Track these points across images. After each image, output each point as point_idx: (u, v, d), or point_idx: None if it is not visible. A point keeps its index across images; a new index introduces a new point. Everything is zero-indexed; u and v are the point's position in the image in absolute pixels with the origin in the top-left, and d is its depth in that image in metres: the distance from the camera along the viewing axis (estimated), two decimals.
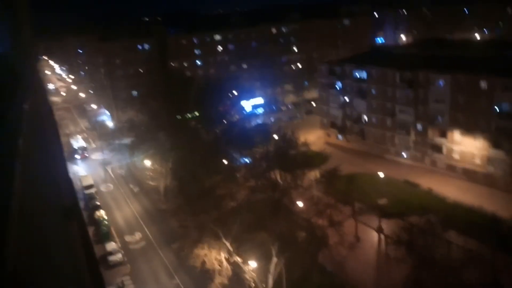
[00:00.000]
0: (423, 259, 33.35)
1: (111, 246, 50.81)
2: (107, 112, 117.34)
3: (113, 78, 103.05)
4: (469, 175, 60.78)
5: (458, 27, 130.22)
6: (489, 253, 31.91)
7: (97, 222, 56.30)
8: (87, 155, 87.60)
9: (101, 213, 58.21)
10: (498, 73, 55.80)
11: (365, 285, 40.59)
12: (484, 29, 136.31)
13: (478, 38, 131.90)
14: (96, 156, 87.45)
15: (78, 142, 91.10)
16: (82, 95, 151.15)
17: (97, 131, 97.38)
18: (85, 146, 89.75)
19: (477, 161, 59.72)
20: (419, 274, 32.60)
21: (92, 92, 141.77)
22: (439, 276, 31.26)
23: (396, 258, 37.47)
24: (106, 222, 56.36)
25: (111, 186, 72.86)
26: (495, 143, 57.28)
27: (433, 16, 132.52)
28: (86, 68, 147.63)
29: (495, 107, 56.41)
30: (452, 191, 56.54)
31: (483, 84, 57.40)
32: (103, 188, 71.59)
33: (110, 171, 78.84)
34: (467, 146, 60.62)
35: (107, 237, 53.31)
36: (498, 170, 57.38)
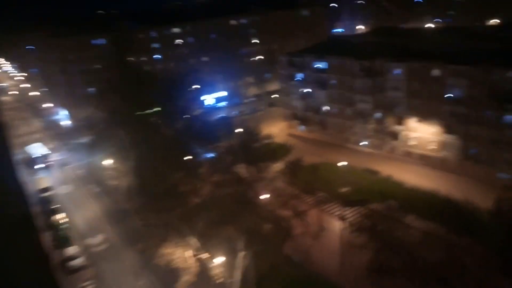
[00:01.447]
0: (384, 243, 34.39)
1: (71, 250, 49.07)
2: (63, 111, 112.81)
3: (68, 75, 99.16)
4: (425, 160, 63.16)
5: (413, 16, 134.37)
6: (444, 234, 33.30)
7: (55, 226, 54.22)
8: (51, 162, 79.07)
9: (60, 216, 56.11)
10: (449, 60, 57.93)
11: (331, 272, 41.40)
12: (436, 18, 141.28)
13: (431, 26, 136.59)
14: (53, 157, 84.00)
15: (38, 149, 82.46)
16: (35, 93, 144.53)
17: (53, 131, 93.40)
18: (47, 152, 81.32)
19: (432, 146, 62.09)
20: (381, 257, 33.62)
21: (46, 90, 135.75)
22: (399, 258, 32.35)
23: (359, 244, 38.43)
24: (65, 226, 54.39)
25: (70, 187, 70.27)
26: (448, 128, 59.70)
27: (389, 5, 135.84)
28: (39, 65, 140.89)
29: (447, 93, 58.66)
30: (410, 176, 58.60)
31: (436, 72, 59.48)
32: (61, 190, 68.89)
33: (68, 172, 75.98)
34: (422, 133, 62.85)
35: (66, 241, 51.44)
36: (451, 154, 59.95)
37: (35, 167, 75.99)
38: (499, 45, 61.63)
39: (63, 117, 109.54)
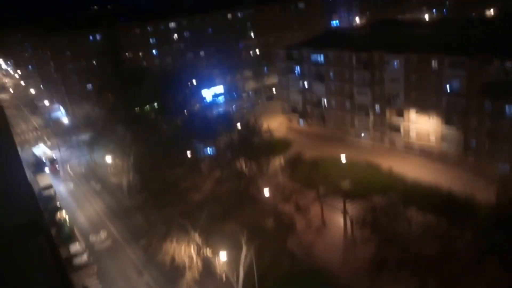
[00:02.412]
0: (386, 237, 34.67)
1: (74, 247, 49.31)
2: (61, 108, 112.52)
3: (64, 72, 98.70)
4: (425, 152, 63.42)
5: (409, 8, 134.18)
6: (445, 227, 33.58)
7: (58, 224, 54.38)
8: (58, 167, 75.95)
9: (62, 214, 56.24)
10: (447, 51, 57.96)
11: (334, 266, 41.76)
12: (433, 9, 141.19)
13: (427, 18, 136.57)
14: (53, 154, 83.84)
15: (44, 151, 79.59)
16: (32, 91, 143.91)
17: (52, 128, 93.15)
18: (54, 157, 77.45)
19: (432, 138, 62.33)
20: (383, 251, 33.93)
21: (43, 87, 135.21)
22: (402, 251, 32.68)
23: (361, 238, 38.75)
24: (68, 223, 54.56)
25: (71, 185, 70.35)
26: (447, 120, 59.91)
27: None
28: (35, 62, 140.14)
29: (446, 84, 58.78)
30: (411, 169, 58.81)
31: (434, 63, 59.52)
32: (62, 187, 68.98)
33: (69, 169, 75.98)
34: (422, 125, 63.05)
35: (70, 238, 51.66)
36: (451, 146, 60.21)
37: (45, 170, 73.70)
38: (496, 35, 61.71)
39: (62, 114, 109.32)
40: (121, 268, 47.00)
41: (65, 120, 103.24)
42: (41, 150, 79.86)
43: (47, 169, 73.65)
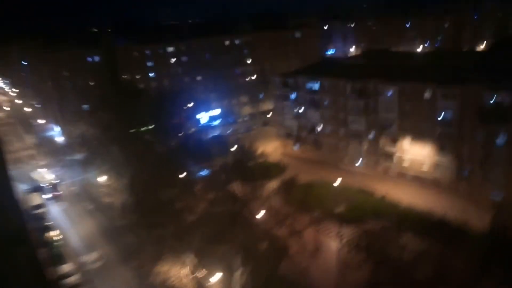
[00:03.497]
0: (380, 262, 34.65)
1: (65, 268, 48.40)
2: (56, 127, 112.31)
3: (60, 91, 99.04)
4: (419, 180, 64.02)
5: (403, 40, 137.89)
6: (439, 251, 33.73)
7: (49, 244, 53.54)
8: (60, 192, 72.16)
9: (53, 233, 55.47)
10: (440, 82, 59.50)
11: None
12: (426, 42, 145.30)
13: (421, 49, 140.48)
14: (46, 173, 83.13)
15: (45, 177, 76.45)
16: (27, 109, 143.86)
17: (46, 147, 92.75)
18: (55, 181, 74.41)
19: (425, 166, 63.07)
20: (377, 276, 33.85)
21: (38, 106, 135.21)
22: (396, 276, 32.64)
23: (355, 263, 38.62)
24: (59, 243, 53.73)
25: (63, 204, 69.55)
26: (440, 148, 60.87)
27: (379, 29, 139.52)
28: (31, 80, 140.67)
29: (438, 114, 60.01)
30: (405, 196, 59.23)
31: (427, 93, 60.95)
32: (54, 207, 68.13)
33: (62, 189, 75.25)
34: (415, 153, 63.90)
35: (60, 258, 50.79)
36: (444, 175, 60.93)
37: (44, 196, 70.40)
38: (487, 67, 63.63)
39: (57, 133, 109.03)
40: None
41: (60, 139, 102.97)
42: (41, 175, 76.57)
43: (47, 196, 70.30)
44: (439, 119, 59.93)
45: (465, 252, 31.40)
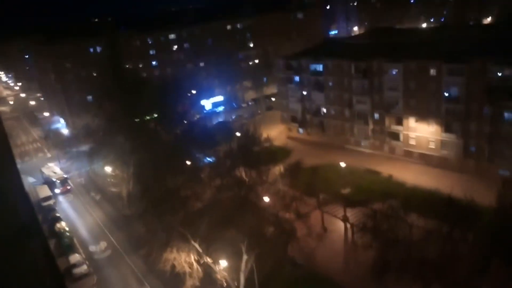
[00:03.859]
0: (387, 242, 34.49)
1: (74, 258, 49.02)
2: (61, 119, 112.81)
3: (64, 83, 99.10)
4: (425, 159, 63.40)
5: (407, 16, 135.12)
6: (446, 230, 33.43)
7: (58, 235, 54.18)
8: (69, 187, 72.27)
9: (62, 224, 56.10)
10: (445, 59, 58.30)
11: (335, 273, 41.49)
12: (431, 18, 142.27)
13: (426, 25, 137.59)
14: (53, 165, 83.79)
15: (54, 171, 75.04)
16: (32, 102, 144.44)
17: (52, 140, 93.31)
18: (65, 176, 73.46)
19: (432, 145, 62.34)
20: (385, 256, 33.73)
21: (43, 99, 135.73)
22: (404, 256, 32.50)
23: (362, 244, 38.52)
24: (68, 234, 54.35)
25: (71, 195, 70.17)
26: (446, 127, 60.02)
27: (382, 6, 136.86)
28: (34, 74, 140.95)
29: (444, 91, 59.00)
30: (411, 175, 58.82)
31: (432, 70, 59.82)
32: (62, 198, 68.79)
33: (69, 180, 75.84)
34: (421, 132, 63.12)
35: (70, 249, 51.45)
36: (451, 153, 60.22)
37: (54, 191, 69.97)
38: (493, 41, 62.21)
39: (62, 126, 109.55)
40: (121, 278, 46.67)
41: (65, 131, 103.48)
42: (51, 169, 75.70)
43: (57, 190, 70.10)
44: (446, 96, 58.94)
45: (473, 230, 31.08)
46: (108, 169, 66.86)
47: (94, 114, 72.24)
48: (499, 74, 53.04)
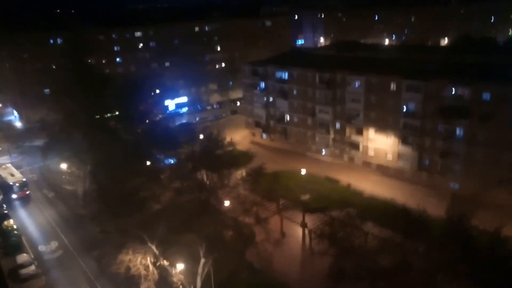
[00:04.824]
0: (344, 249, 35.30)
1: (22, 258, 46.56)
2: (14, 111, 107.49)
3: (20, 74, 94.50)
4: (382, 170, 65.61)
5: (371, 32, 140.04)
6: (399, 240, 34.71)
7: (5, 233, 51.35)
8: (28, 192, 63.95)
9: (10, 222, 53.23)
10: (405, 75, 60.82)
11: (292, 278, 41.92)
12: (393, 36, 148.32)
13: (388, 42, 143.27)
14: (3, 160, 79.62)
15: (11, 173, 66.23)
16: None
17: (3, 132, 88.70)
18: (24, 179, 64.64)
19: (389, 157, 64.63)
20: (341, 263, 34.49)
21: None
22: (358, 263, 33.37)
23: (319, 250, 39.19)
24: (16, 232, 51.66)
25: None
26: (403, 139, 62.46)
27: (348, 20, 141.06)
28: None
29: (403, 106, 61.45)
30: (368, 185, 60.69)
31: (392, 85, 62.20)
32: (11, 194, 65.30)
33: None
34: (380, 144, 65.32)
35: (17, 248, 48.88)
36: (406, 164, 62.69)
37: (12, 196, 62.20)
38: (448, 64, 65.65)
39: (15, 118, 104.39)
40: (72, 280, 44.79)
41: (18, 124, 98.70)
42: (7, 171, 67.01)
43: (14, 196, 62.26)
44: (404, 111, 61.37)
45: (424, 239, 32.41)
46: (63, 166, 64.37)
47: (50, 108, 69.33)
48: (453, 94, 55.90)
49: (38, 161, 73.45)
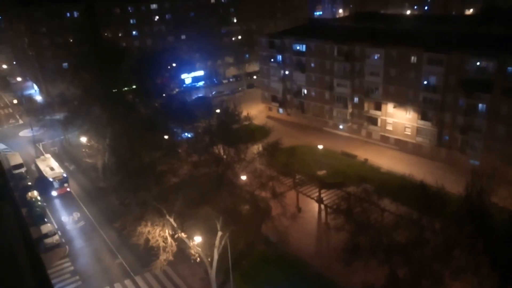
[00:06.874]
0: (360, 225, 35.35)
1: (46, 228, 48.32)
2: (35, 85, 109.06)
3: (38, 48, 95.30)
4: (400, 145, 64.78)
5: (391, 3, 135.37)
6: (416, 216, 34.55)
7: (29, 204, 53.13)
8: (68, 189, 59.03)
9: (34, 193, 54.93)
10: (425, 47, 58.98)
11: (307, 252, 42.49)
12: (415, 6, 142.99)
13: (409, 13, 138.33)
14: (25, 133, 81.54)
15: (52, 166, 60.94)
16: (3, 66, 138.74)
17: (24, 106, 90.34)
18: (64, 175, 59.44)
19: (408, 132, 63.67)
20: (356, 239, 34.62)
21: (16, 63, 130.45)
22: (374, 239, 33.45)
23: (335, 226, 39.37)
24: (40, 203, 53.39)
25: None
26: (422, 115, 61.24)
27: None
28: (7, 36, 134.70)
29: (423, 80, 59.93)
30: (386, 161, 60.14)
31: (413, 58, 60.50)
32: (34, 167, 67.18)
33: (41, 149, 74.04)
34: (399, 118, 64.25)
35: (41, 218, 50.64)
36: (425, 140, 61.71)
37: (51, 193, 57.96)
38: (474, 33, 63.21)
39: (35, 92, 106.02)
40: (94, 250, 46.45)
41: (39, 98, 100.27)
42: (46, 163, 61.74)
43: (54, 192, 57.90)
44: (424, 84, 59.89)
45: (442, 216, 32.18)
46: (83, 139, 65.50)
47: (69, 81, 70.00)
48: (476, 67, 54.11)
49: (59, 134, 74.88)
